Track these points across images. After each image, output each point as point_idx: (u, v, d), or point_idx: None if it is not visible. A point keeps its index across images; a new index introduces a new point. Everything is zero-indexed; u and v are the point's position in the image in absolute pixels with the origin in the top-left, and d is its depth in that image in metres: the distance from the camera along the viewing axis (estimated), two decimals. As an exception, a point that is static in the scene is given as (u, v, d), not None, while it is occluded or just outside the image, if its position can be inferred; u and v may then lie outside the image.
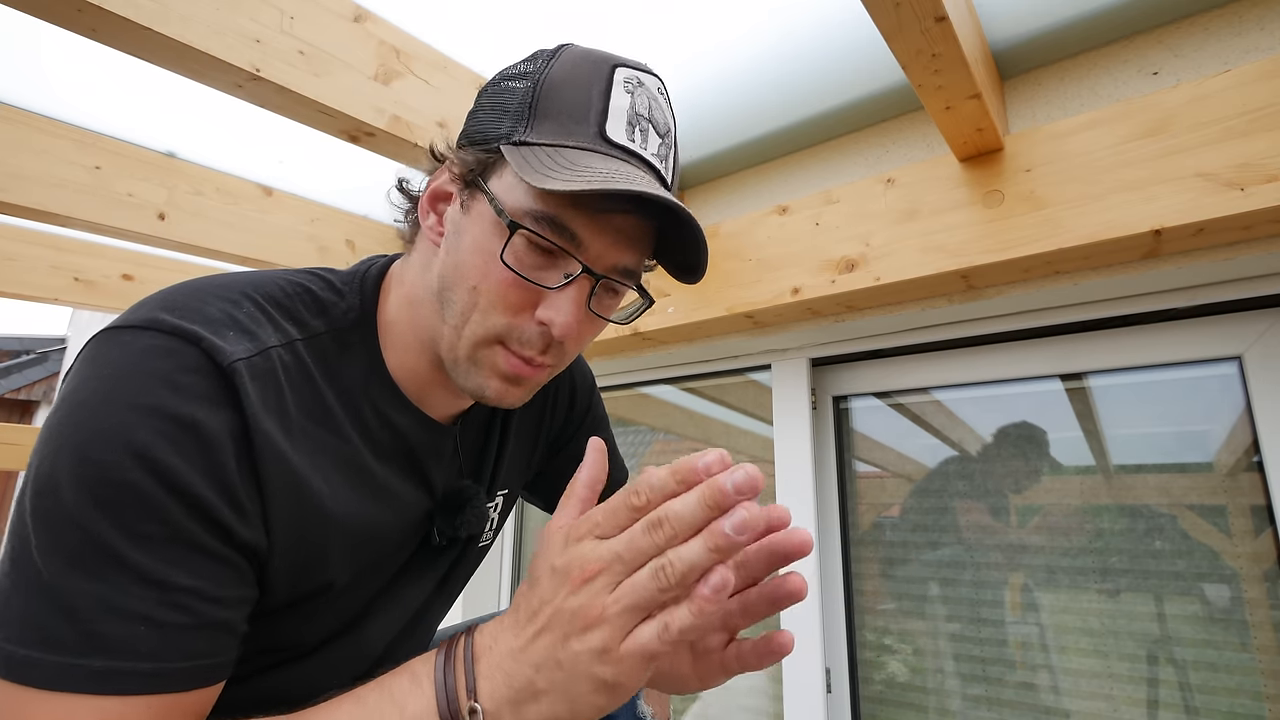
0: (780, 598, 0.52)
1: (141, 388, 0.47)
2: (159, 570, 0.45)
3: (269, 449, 0.51)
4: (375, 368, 0.63)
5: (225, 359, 0.50)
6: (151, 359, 0.48)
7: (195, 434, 0.47)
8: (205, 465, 0.48)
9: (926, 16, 0.81)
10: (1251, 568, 1.12)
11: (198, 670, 0.47)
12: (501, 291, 0.57)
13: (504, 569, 2.16)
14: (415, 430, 0.65)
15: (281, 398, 0.54)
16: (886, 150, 1.39)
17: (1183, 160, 0.98)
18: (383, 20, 1.14)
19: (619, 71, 0.59)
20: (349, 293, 0.64)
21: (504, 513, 0.83)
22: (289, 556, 0.54)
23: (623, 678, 0.42)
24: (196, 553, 0.47)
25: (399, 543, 0.66)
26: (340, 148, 1.48)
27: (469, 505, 0.69)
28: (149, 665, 0.45)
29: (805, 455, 1.51)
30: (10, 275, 1.81)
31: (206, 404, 0.48)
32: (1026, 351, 1.35)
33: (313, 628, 0.62)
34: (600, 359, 1.84)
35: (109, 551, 0.44)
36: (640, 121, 0.58)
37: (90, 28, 0.85)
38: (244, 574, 0.51)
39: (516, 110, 0.58)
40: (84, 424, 0.46)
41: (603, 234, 0.56)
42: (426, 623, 0.76)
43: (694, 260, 0.61)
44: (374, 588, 0.66)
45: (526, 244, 0.56)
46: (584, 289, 0.57)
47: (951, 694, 1.34)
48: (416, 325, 0.63)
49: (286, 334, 0.57)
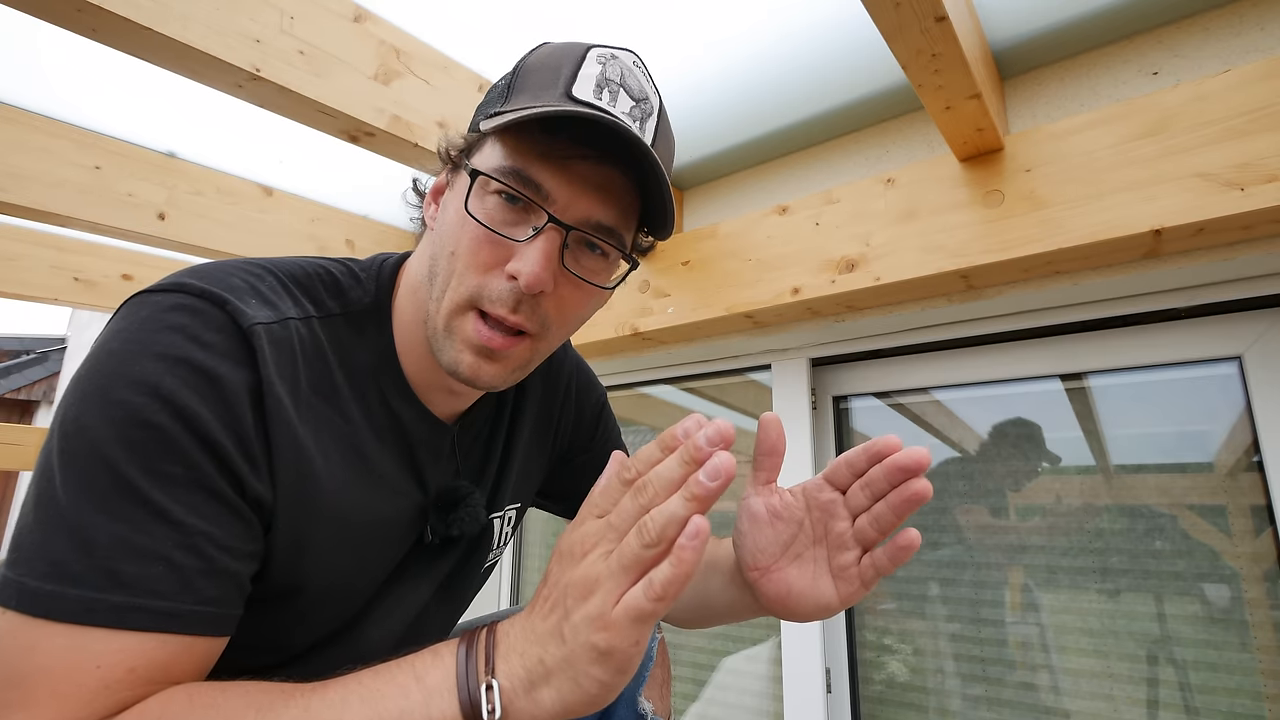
0: (902, 502, 0.56)
1: (169, 340, 0.49)
2: (178, 511, 0.47)
3: (279, 412, 0.53)
4: (386, 356, 0.64)
5: (247, 321, 0.52)
6: (179, 315, 0.50)
7: (217, 385, 0.50)
8: (225, 415, 0.50)
9: (926, 16, 0.81)
10: (1251, 568, 1.12)
11: (209, 616, 0.48)
12: (474, 249, 0.58)
13: (503, 575, 2.16)
14: (416, 423, 0.66)
15: (295, 368, 0.56)
16: (886, 150, 1.39)
17: (1183, 160, 0.98)
18: (383, 20, 1.14)
19: (593, 50, 0.61)
20: (366, 280, 0.66)
21: (515, 526, 0.84)
22: (283, 531, 0.55)
23: (615, 641, 0.42)
24: (214, 499, 0.49)
25: (389, 536, 0.66)
26: (340, 148, 1.48)
27: (462, 504, 0.69)
28: (165, 604, 0.46)
29: (805, 455, 1.51)
30: (10, 275, 1.81)
31: (228, 360, 0.51)
32: (1026, 351, 1.35)
33: (301, 627, 0.62)
34: (600, 359, 1.84)
35: (133, 491, 0.46)
36: (610, 84, 0.59)
37: (90, 27, 0.85)
38: (253, 529, 0.53)
39: (497, 97, 0.62)
40: (113, 371, 0.48)
41: (569, 184, 0.57)
42: (431, 629, 0.75)
43: (657, 202, 0.61)
44: (368, 587, 0.66)
45: (497, 201, 0.58)
46: (553, 240, 0.58)
47: (951, 694, 1.34)
48: (417, 313, 0.64)
49: (304, 309, 0.59)
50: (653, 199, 0.61)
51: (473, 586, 0.80)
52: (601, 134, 0.56)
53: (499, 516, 0.78)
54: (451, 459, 0.71)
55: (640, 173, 0.59)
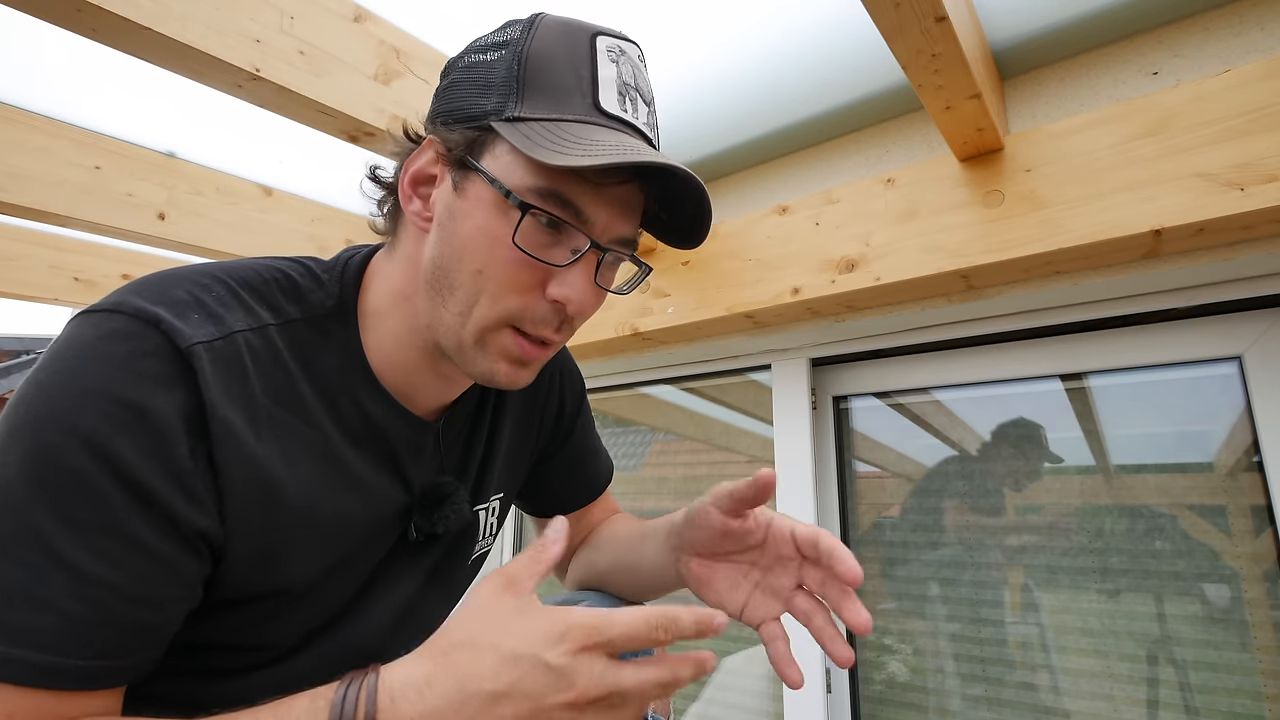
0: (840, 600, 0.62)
1: (97, 371, 0.47)
2: (82, 560, 0.45)
3: (227, 436, 0.51)
4: (353, 357, 0.62)
5: (184, 341, 0.49)
6: (110, 343, 0.48)
7: (146, 420, 0.47)
8: (154, 451, 0.47)
9: (926, 16, 0.81)
10: (1251, 568, 1.12)
11: (96, 670, 0.46)
12: (510, 273, 0.56)
13: (504, 569, 2.16)
14: (393, 423, 0.64)
15: (246, 383, 0.53)
16: (886, 150, 1.39)
17: (1183, 160, 0.98)
18: (383, 20, 1.14)
19: (600, 40, 0.58)
20: (329, 281, 0.63)
21: (501, 516, 0.83)
22: (248, 545, 0.53)
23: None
24: (128, 546, 0.46)
25: (371, 536, 0.65)
26: (340, 148, 1.48)
27: (448, 501, 0.68)
28: (47, 658, 0.44)
29: (805, 455, 1.51)
30: (10, 275, 1.82)
31: (161, 388, 0.48)
32: (1026, 351, 1.35)
33: (284, 625, 0.61)
34: (600, 359, 1.84)
35: (38, 536, 0.44)
36: (629, 91, 0.58)
37: (90, 28, 0.85)
38: (181, 571, 0.50)
39: (502, 85, 0.56)
40: (38, 406, 0.46)
41: (607, 206, 0.56)
42: (422, 620, 0.74)
43: (697, 223, 0.62)
44: (351, 585, 0.65)
45: (532, 223, 0.55)
46: (591, 264, 0.58)
47: (951, 694, 1.34)
48: (408, 315, 0.62)
49: (259, 318, 0.56)
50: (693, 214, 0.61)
51: (462, 575, 0.80)
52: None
53: (484, 508, 0.78)
54: (435, 455, 0.70)
55: (680, 201, 0.60)
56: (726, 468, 1.81)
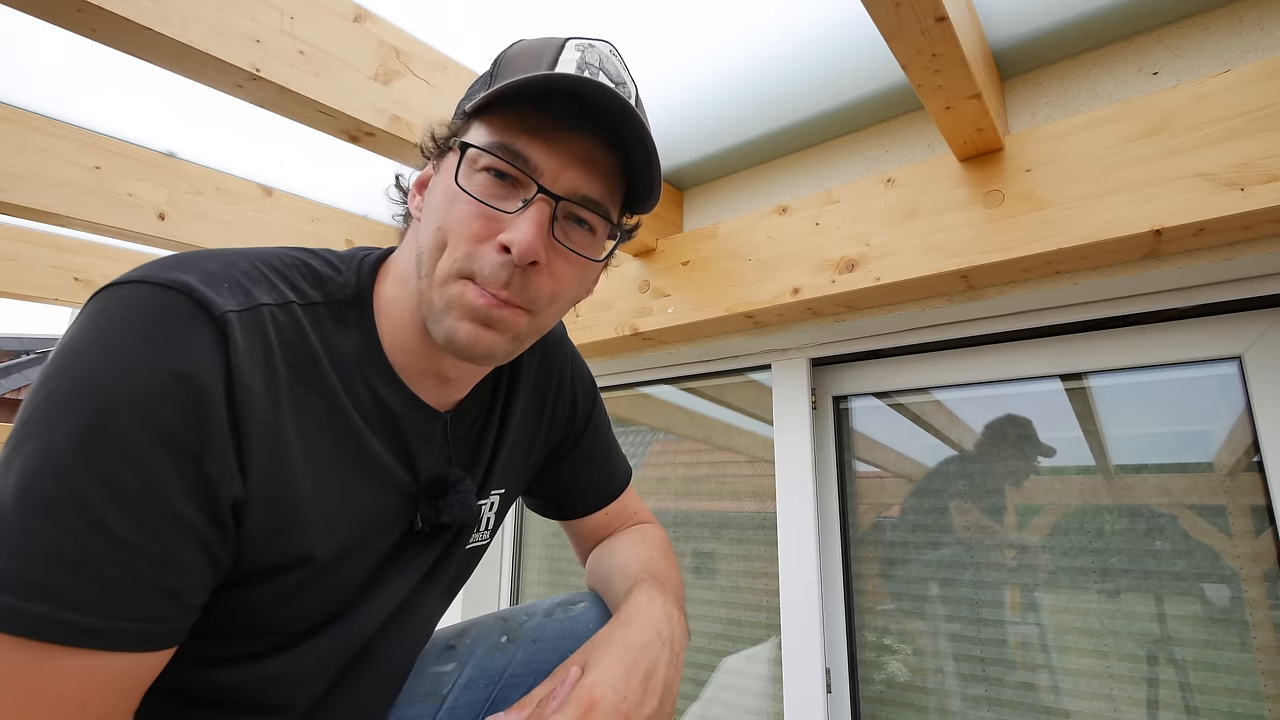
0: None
1: (135, 340, 0.48)
2: (122, 525, 0.46)
3: (251, 403, 0.52)
4: (370, 345, 0.64)
5: (218, 309, 0.51)
6: (145, 312, 0.49)
7: (186, 384, 0.48)
8: (194, 415, 0.48)
9: (926, 16, 0.81)
10: (1251, 568, 1.12)
11: (135, 633, 0.47)
12: (465, 224, 0.59)
13: (504, 569, 2.16)
14: (406, 411, 0.66)
15: (270, 354, 0.55)
16: (886, 150, 1.39)
17: (1183, 160, 0.99)
18: (383, 20, 1.14)
19: (571, 40, 0.63)
20: (346, 271, 0.65)
21: (500, 512, 0.83)
22: (265, 512, 0.54)
23: None
24: (164, 514, 0.47)
25: (380, 522, 0.65)
26: (340, 148, 1.48)
27: (453, 490, 0.69)
28: (87, 620, 0.45)
29: (805, 455, 1.51)
30: (10, 275, 1.81)
31: (196, 355, 0.49)
32: (1026, 351, 1.36)
33: (296, 609, 0.61)
34: (600, 359, 1.85)
35: (79, 501, 0.45)
36: (589, 68, 0.60)
37: (90, 28, 0.85)
38: (209, 540, 0.51)
39: (478, 84, 0.65)
40: (78, 374, 0.47)
41: (556, 156, 0.59)
42: (417, 617, 0.74)
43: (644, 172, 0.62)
44: (358, 575, 0.65)
45: (486, 178, 0.59)
46: (543, 211, 0.59)
47: (951, 694, 1.34)
48: (410, 297, 0.64)
49: (282, 295, 0.58)
50: (636, 157, 0.62)
51: (457, 571, 0.80)
52: (586, 109, 0.58)
53: (485, 503, 0.78)
54: (444, 446, 0.71)
55: (622, 142, 0.61)
56: (726, 468, 1.81)
